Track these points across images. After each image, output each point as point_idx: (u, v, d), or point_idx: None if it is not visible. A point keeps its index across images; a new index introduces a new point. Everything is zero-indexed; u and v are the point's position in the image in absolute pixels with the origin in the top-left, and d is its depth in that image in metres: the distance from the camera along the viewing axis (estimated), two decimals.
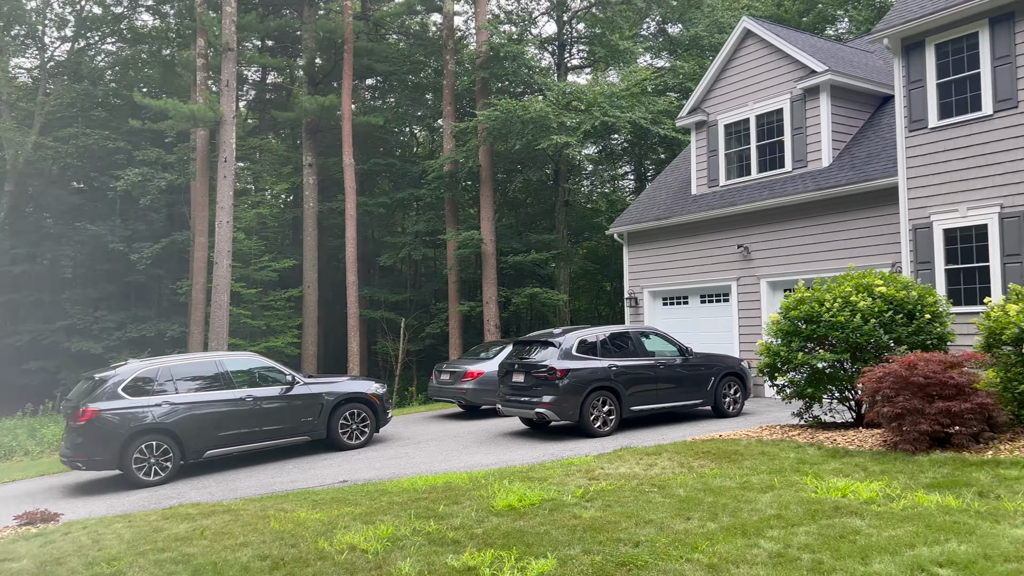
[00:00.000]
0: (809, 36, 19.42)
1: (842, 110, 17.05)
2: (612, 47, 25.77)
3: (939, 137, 13.84)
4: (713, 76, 19.19)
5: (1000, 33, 13.06)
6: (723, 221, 18.42)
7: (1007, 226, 12.92)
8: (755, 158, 18.16)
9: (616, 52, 25.90)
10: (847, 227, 15.96)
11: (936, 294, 10.44)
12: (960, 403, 8.17)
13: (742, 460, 8.74)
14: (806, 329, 10.41)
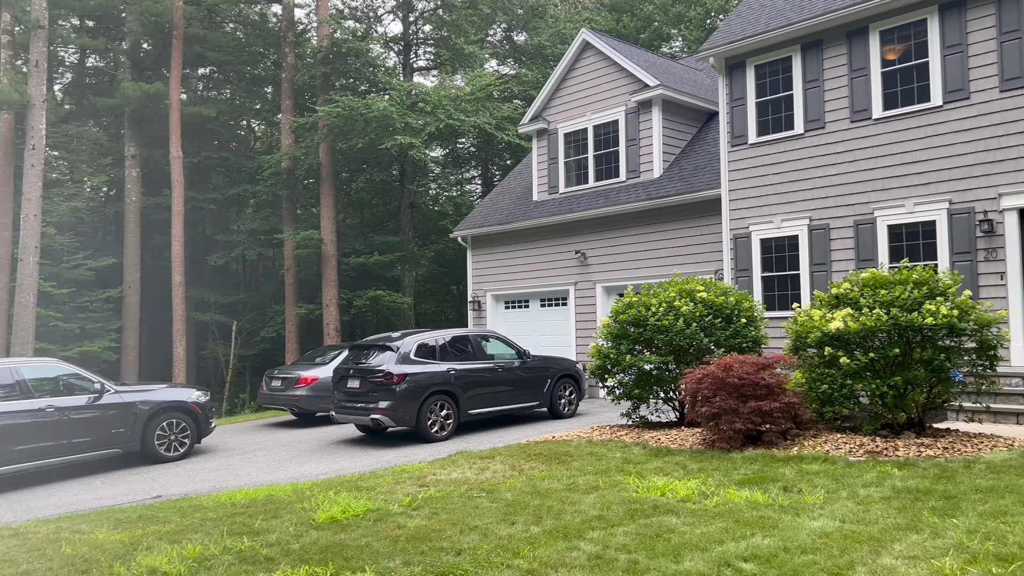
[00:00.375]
0: (644, 51, 20.26)
1: (673, 124, 17.88)
2: (458, 50, 25.80)
3: (758, 152, 14.78)
4: (553, 85, 19.59)
5: (811, 58, 14.13)
6: (562, 227, 18.82)
7: (815, 237, 13.98)
8: (592, 167, 18.69)
9: (462, 56, 25.95)
10: (676, 235, 16.73)
11: (752, 299, 11.10)
12: (770, 403, 8.69)
13: (571, 461, 8.86)
14: (634, 332, 10.75)
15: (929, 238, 12.67)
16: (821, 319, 9.02)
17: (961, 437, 8.77)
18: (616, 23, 29.26)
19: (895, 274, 9.08)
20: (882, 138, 13.18)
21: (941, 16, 12.53)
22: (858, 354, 8.62)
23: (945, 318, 8.36)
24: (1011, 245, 11.76)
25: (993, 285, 11.93)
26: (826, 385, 8.90)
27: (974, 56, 12.20)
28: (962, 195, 12.30)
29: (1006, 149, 11.86)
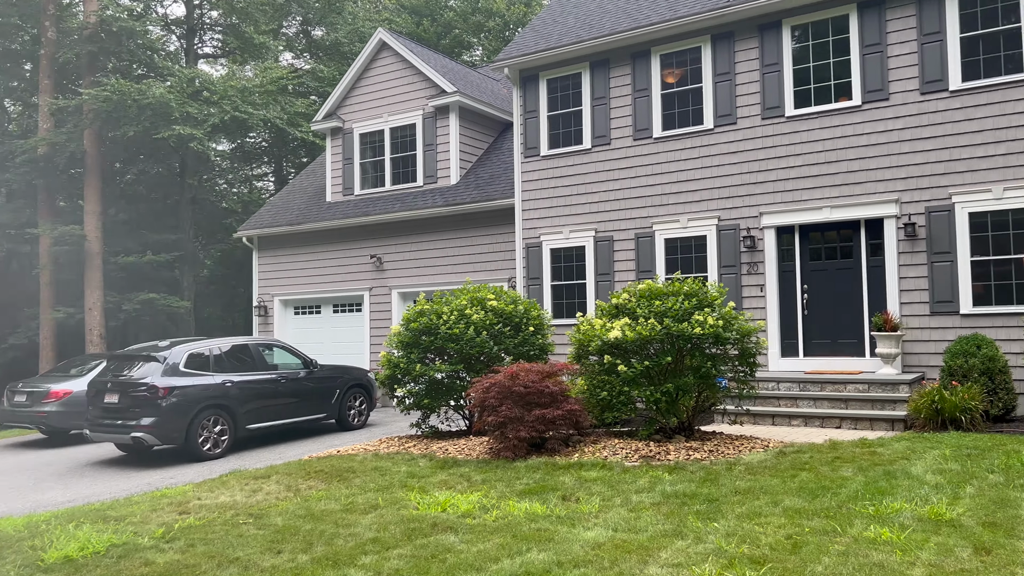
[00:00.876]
0: (444, 57, 20.18)
1: (470, 131, 17.91)
2: (247, 40, 24.33)
3: (549, 165, 15.13)
4: (349, 84, 18.98)
5: (599, 76, 14.68)
6: (357, 230, 18.25)
7: (600, 248, 14.52)
8: (389, 170, 18.30)
9: (252, 46, 24.50)
10: (472, 242, 16.75)
11: (540, 308, 11.26)
12: (554, 410, 8.78)
13: (353, 478, 8.43)
14: (426, 341, 10.51)
15: (700, 252, 13.56)
16: (602, 328, 9.27)
17: (725, 440, 9.36)
18: (416, 26, 29.07)
19: (669, 286, 9.54)
20: (661, 156, 13.96)
21: (713, 45, 13.49)
22: (635, 362, 8.95)
23: (712, 328, 8.88)
24: (769, 260, 12.86)
25: (754, 296, 12.98)
26: (606, 392, 9.16)
27: (741, 84, 13.24)
28: (729, 213, 13.28)
29: (766, 172, 12.96)
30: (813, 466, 7.71)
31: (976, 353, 10.35)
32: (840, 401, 10.90)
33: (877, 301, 12.03)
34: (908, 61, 11.89)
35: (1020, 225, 11.03)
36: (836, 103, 12.46)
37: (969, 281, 11.32)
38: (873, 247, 12.16)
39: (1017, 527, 5.43)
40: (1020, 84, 11.10)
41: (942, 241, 11.51)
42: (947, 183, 11.55)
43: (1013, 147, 11.12)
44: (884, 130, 12.03)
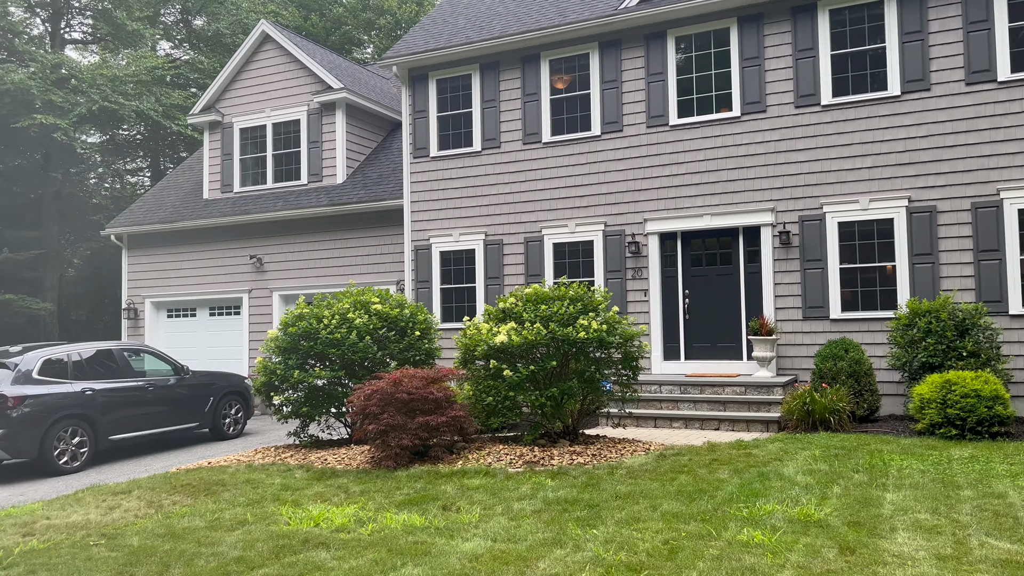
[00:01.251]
0: (331, 52, 19.62)
1: (358, 129, 17.46)
2: (119, 26, 22.90)
3: (439, 166, 14.91)
4: (229, 76, 18.15)
5: (489, 79, 14.58)
6: (236, 229, 17.45)
7: (490, 251, 14.41)
8: (271, 167, 17.60)
9: (125, 33, 23.08)
10: (359, 244, 16.31)
11: (427, 312, 11.02)
12: (438, 417, 8.57)
13: (223, 492, 7.95)
14: (305, 346, 10.08)
15: (588, 256, 13.67)
16: (488, 333, 9.14)
17: (608, 443, 9.40)
18: (304, 20, 28.19)
19: (555, 290, 9.52)
20: (550, 161, 13.99)
21: (601, 52, 13.63)
22: (521, 367, 8.86)
23: (596, 332, 8.90)
24: (653, 266, 13.10)
25: (639, 301, 13.19)
26: (491, 397, 9.03)
27: (627, 92, 13.44)
28: (616, 219, 13.45)
29: (651, 179, 13.20)
30: (692, 469, 7.83)
31: (844, 356, 10.85)
32: (719, 403, 11.19)
33: (754, 306, 12.44)
34: (784, 75, 12.38)
35: (884, 235, 11.66)
36: (717, 114, 12.83)
37: (838, 287, 11.87)
38: (750, 254, 12.58)
39: (879, 526, 5.64)
40: (885, 101, 11.73)
41: (814, 249, 12.03)
42: (819, 193, 12.08)
43: (878, 160, 11.75)
44: (762, 141, 12.48)
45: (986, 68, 11.18)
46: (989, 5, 11.17)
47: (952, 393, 9.08)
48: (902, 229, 11.53)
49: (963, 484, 6.76)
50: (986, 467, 7.41)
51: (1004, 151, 11.04)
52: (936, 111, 11.44)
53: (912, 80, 11.58)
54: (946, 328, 10.20)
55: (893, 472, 7.30)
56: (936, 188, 11.42)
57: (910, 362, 10.50)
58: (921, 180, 11.50)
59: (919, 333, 10.41)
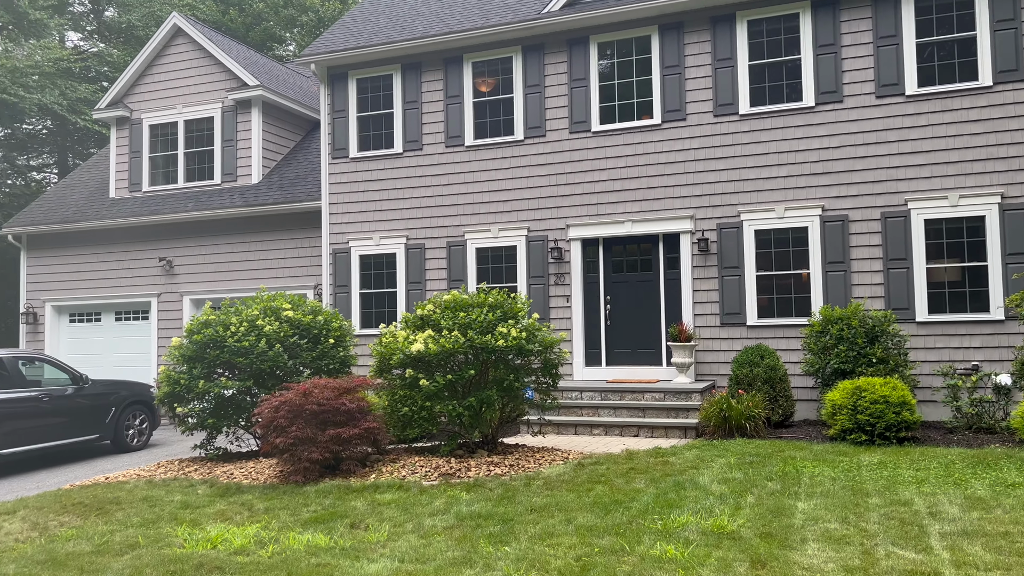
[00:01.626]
0: (248, 49, 18.97)
1: (274, 128, 16.91)
2: (20, 14, 21.64)
3: (359, 167, 14.54)
4: (139, 70, 17.34)
5: (410, 80, 14.28)
6: (145, 230, 16.66)
7: (411, 256, 14.11)
8: (183, 166, 16.88)
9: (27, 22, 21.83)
10: (276, 246, 15.78)
11: (342, 318, 10.66)
12: (350, 429, 8.25)
13: (116, 511, 7.45)
14: (211, 354, 9.60)
15: (511, 262, 13.53)
16: (405, 341, 8.87)
17: (527, 453, 9.25)
18: (222, 15, 27.25)
19: (474, 297, 9.32)
20: (473, 165, 13.80)
21: (524, 56, 13.52)
22: (438, 376, 8.62)
23: (515, 340, 8.74)
24: (576, 272, 13.04)
25: (561, 307, 13.11)
26: (407, 408, 8.76)
27: (550, 97, 13.36)
28: (539, 224, 13.35)
29: (573, 185, 13.14)
30: (609, 479, 7.73)
31: (760, 363, 10.98)
32: (638, 410, 11.18)
33: (674, 312, 12.51)
34: (704, 84, 12.49)
35: (799, 243, 11.88)
36: (639, 121, 12.86)
37: (755, 294, 12.04)
38: (670, 260, 12.65)
39: (790, 537, 5.62)
40: (800, 112, 11.96)
41: (732, 256, 12.17)
42: (736, 201, 12.23)
43: (793, 169, 11.97)
44: (681, 149, 12.57)
45: (895, 82, 11.52)
46: (898, 21, 11.52)
47: (862, 399, 9.26)
48: (816, 237, 11.77)
49: (872, 491, 6.85)
50: (894, 473, 7.54)
51: (911, 163, 11.39)
52: (848, 123, 11.73)
53: (826, 92, 11.84)
54: (857, 335, 10.43)
55: (805, 480, 7.36)
56: (848, 198, 11.70)
57: (823, 368, 10.70)
58: (834, 190, 11.77)
59: (831, 340, 10.61)
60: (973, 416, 10.02)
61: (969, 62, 11.25)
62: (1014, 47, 10.99)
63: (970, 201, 11.08)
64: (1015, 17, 11.01)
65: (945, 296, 11.17)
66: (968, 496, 6.60)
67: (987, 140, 11.09)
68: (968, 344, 10.98)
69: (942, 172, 11.25)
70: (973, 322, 10.98)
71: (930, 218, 11.25)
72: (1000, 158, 11.02)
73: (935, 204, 11.22)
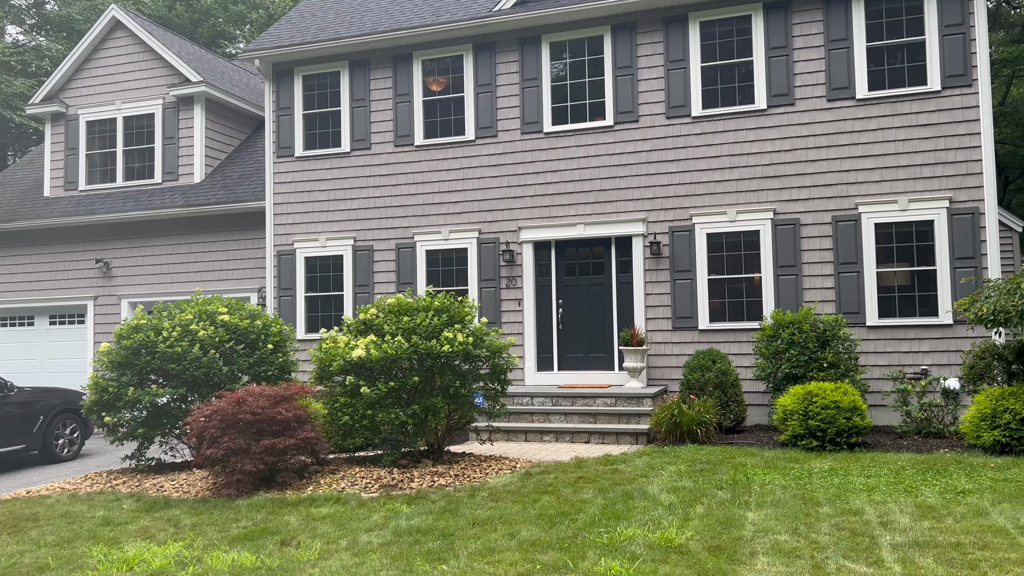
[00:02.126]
0: (192, 44, 18.36)
1: (219, 126, 16.36)
2: None
3: (305, 167, 14.10)
4: (75, 64, 16.65)
5: (358, 77, 13.89)
6: (81, 231, 15.96)
7: (359, 258, 13.72)
8: (122, 164, 16.23)
9: None
10: (219, 248, 15.24)
11: (282, 323, 10.24)
12: (286, 439, 7.86)
13: (31, 529, 6.96)
14: (142, 360, 9.10)
15: (462, 264, 13.22)
16: (346, 346, 8.51)
17: (474, 461, 8.95)
18: (168, 10, 26.47)
19: (419, 300, 8.99)
20: (423, 165, 13.47)
21: (475, 55, 13.24)
22: (380, 383, 8.26)
23: (461, 345, 8.44)
24: (528, 275, 12.78)
25: (513, 311, 12.84)
26: (348, 416, 8.39)
27: (502, 97, 13.09)
28: (490, 226, 13.07)
29: (525, 187, 12.90)
30: (556, 488, 7.48)
31: (711, 367, 10.85)
32: (589, 416, 10.96)
33: (626, 316, 12.33)
34: (656, 86, 12.35)
35: (751, 246, 11.79)
36: (591, 122, 12.67)
37: (707, 298, 11.92)
38: (622, 264, 12.47)
39: (739, 550, 5.42)
40: (752, 114, 11.88)
41: (684, 260, 12.04)
42: (689, 204, 12.10)
43: (745, 172, 11.88)
44: (634, 151, 12.40)
45: (846, 85, 11.51)
46: (849, 24, 11.51)
47: (813, 405, 9.16)
48: (768, 241, 11.69)
49: (822, 500, 6.70)
50: (844, 480, 7.42)
51: (862, 167, 11.38)
52: (799, 126, 11.68)
53: (778, 95, 11.79)
54: (808, 339, 10.35)
55: (756, 489, 7.19)
56: (800, 201, 11.65)
57: (774, 373, 10.60)
58: (786, 193, 11.71)
59: (783, 344, 10.52)
60: (923, 421, 10.01)
61: (918, 66, 11.29)
62: (962, 53, 11.05)
63: (919, 206, 11.10)
64: (963, 23, 11.07)
65: (895, 300, 11.18)
66: (919, 504, 6.48)
67: (936, 144, 11.13)
68: (918, 348, 10.99)
69: (892, 176, 11.27)
70: (922, 326, 10.99)
71: (880, 222, 11.25)
72: (948, 163, 11.07)
73: (885, 208, 11.23)
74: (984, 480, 7.24)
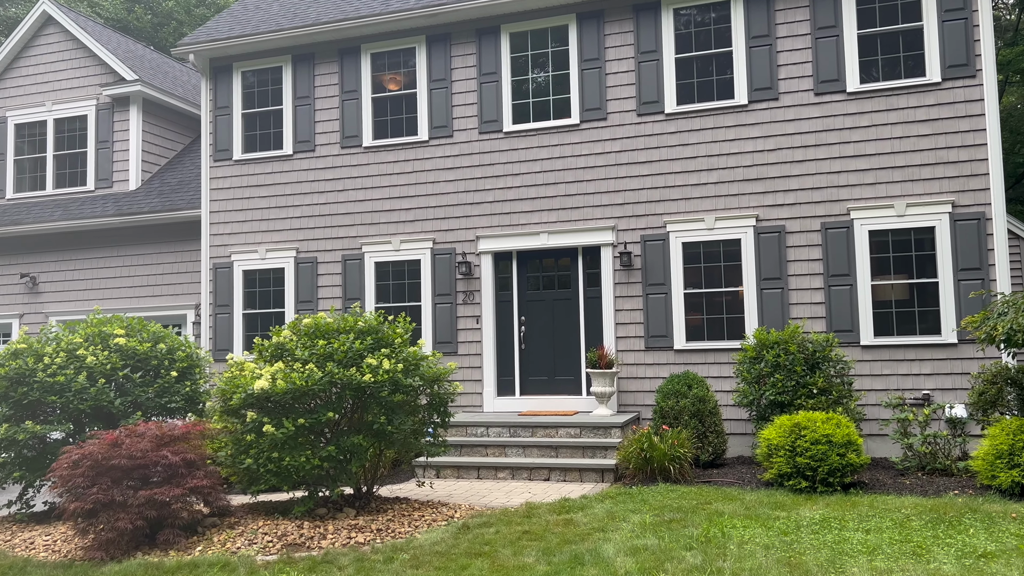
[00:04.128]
0: (135, 42, 17.10)
1: (158, 129, 15.08)
2: None
3: (244, 171, 12.84)
4: (4, 63, 15.35)
5: (302, 73, 12.66)
6: (5, 242, 14.63)
7: (302, 271, 12.45)
8: (52, 170, 14.94)
9: None
10: (154, 261, 13.93)
11: (193, 346, 8.92)
12: (172, 489, 6.55)
13: None
14: (18, 392, 7.78)
15: (415, 278, 11.96)
16: (251, 375, 7.21)
17: (407, 509, 7.65)
18: (127, 12, 25.25)
19: (340, 321, 7.70)
20: (372, 168, 12.23)
21: (428, 47, 12.03)
22: (287, 421, 6.95)
23: (387, 374, 7.16)
24: (486, 289, 11.52)
25: (470, 328, 11.57)
26: (251, 459, 7.08)
27: (458, 93, 11.88)
28: (445, 235, 11.82)
29: (484, 192, 11.66)
30: (494, 548, 6.19)
31: (687, 393, 9.59)
32: (551, 449, 9.68)
33: (594, 334, 11.09)
34: (626, 80, 11.16)
35: (732, 256, 10.57)
36: (555, 120, 11.46)
37: (683, 314, 10.68)
38: (591, 277, 11.23)
39: None
40: (731, 111, 10.70)
41: (657, 272, 10.81)
42: (663, 211, 10.89)
43: (724, 175, 10.68)
44: (602, 152, 11.19)
45: (835, 78, 10.33)
46: (838, 10, 10.35)
47: (802, 439, 7.91)
48: (750, 250, 10.47)
49: (813, 568, 5.43)
50: (839, 537, 6.16)
51: (853, 167, 10.20)
52: (784, 123, 10.50)
53: (759, 88, 10.60)
54: (795, 362, 9.12)
55: (733, 548, 5.92)
56: (786, 206, 10.44)
57: (757, 400, 9.35)
58: (770, 197, 10.50)
59: (767, 367, 9.27)
60: (926, 455, 8.75)
61: (916, 56, 10.13)
62: (964, 40, 9.89)
63: (918, 211, 9.90)
64: (965, 7, 9.92)
65: (892, 317, 9.96)
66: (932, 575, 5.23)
67: (936, 143, 9.96)
68: (918, 371, 9.77)
69: (888, 178, 10.08)
70: (924, 346, 9.77)
71: (875, 229, 10.05)
72: (950, 163, 9.89)
73: (881, 214, 10.03)
74: (1007, 538, 5.99)
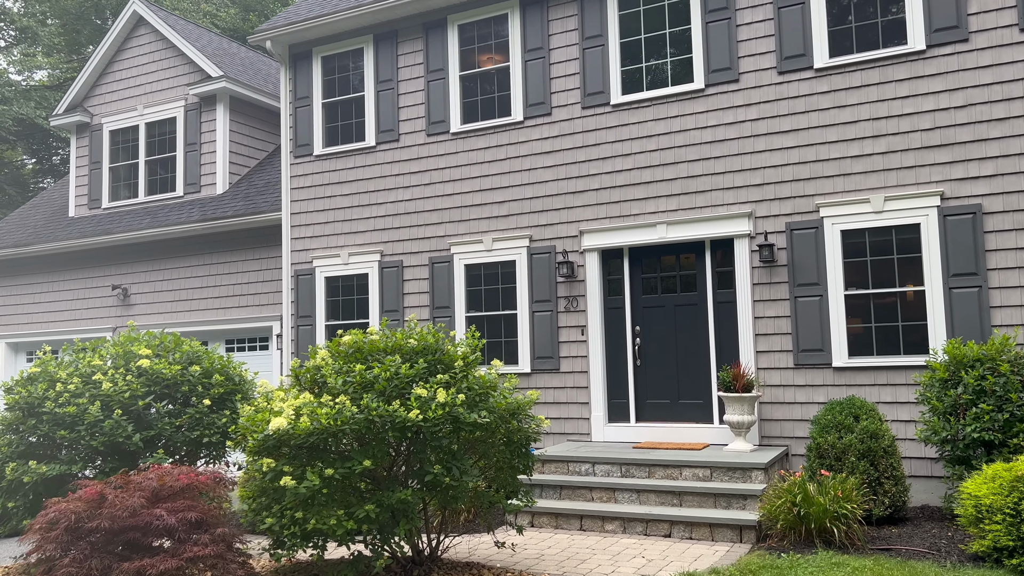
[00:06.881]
0: (224, 38, 16.35)
1: (247, 128, 14.16)
2: None
3: (325, 167, 11.58)
4: (99, 68, 14.95)
5: (384, 53, 11.23)
6: (99, 253, 14.13)
7: (386, 276, 11.00)
8: (144, 176, 14.32)
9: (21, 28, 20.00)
10: (240, 269, 12.96)
11: (236, 366, 7.55)
12: (165, 559, 5.09)
13: None
14: (27, 425, 6.64)
15: (509, 282, 10.23)
16: (272, 411, 5.67)
17: None
18: (243, 22, 25.12)
19: (387, 338, 6.04)
20: (461, 157, 10.62)
21: (523, 14, 10.28)
22: (310, 472, 5.34)
23: (442, 408, 5.42)
24: (592, 293, 9.61)
25: (574, 341, 9.70)
26: (272, 518, 5.53)
27: (556, 64, 10.06)
28: (543, 231, 10.03)
29: (587, 178, 9.76)
30: None
31: (853, 426, 7.30)
32: (673, 495, 7.64)
33: (728, 349, 8.94)
34: (762, 30, 8.94)
35: (908, 247, 8.14)
36: (673, 87, 9.40)
37: (843, 323, 8.34)
38: (722, 277, 9.08)
39: None
40: (903, 59, 8.27)
41: (808, 269, 8.52)
42: (814, 191, 8.60)
43: (895, 143, 8.27)
44: (733, 121, 9.03)
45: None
46: None
47: None
48: (933, 236, 8.01)
49: None
50: None
51: None
52: (978, 70, 7.95)
53: (941, 28, 8.11)
54: (1010, 386, 6.65)
55: None
56: (982, 179, 7.92)
57: (954, 437, 6.93)
58: (959, 169, 8.01)
59: (967, 394, 6.85)
60: None
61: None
62: None
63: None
64: None
65: None
66: None
67: None
68: None
69: None
70: None
71: None
72: None
73: None
74: None
